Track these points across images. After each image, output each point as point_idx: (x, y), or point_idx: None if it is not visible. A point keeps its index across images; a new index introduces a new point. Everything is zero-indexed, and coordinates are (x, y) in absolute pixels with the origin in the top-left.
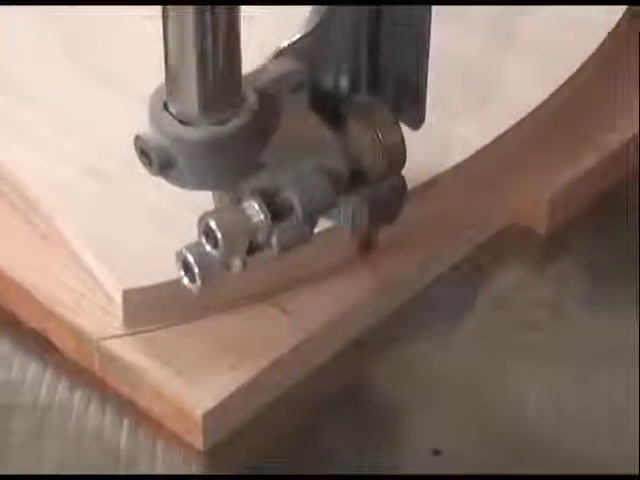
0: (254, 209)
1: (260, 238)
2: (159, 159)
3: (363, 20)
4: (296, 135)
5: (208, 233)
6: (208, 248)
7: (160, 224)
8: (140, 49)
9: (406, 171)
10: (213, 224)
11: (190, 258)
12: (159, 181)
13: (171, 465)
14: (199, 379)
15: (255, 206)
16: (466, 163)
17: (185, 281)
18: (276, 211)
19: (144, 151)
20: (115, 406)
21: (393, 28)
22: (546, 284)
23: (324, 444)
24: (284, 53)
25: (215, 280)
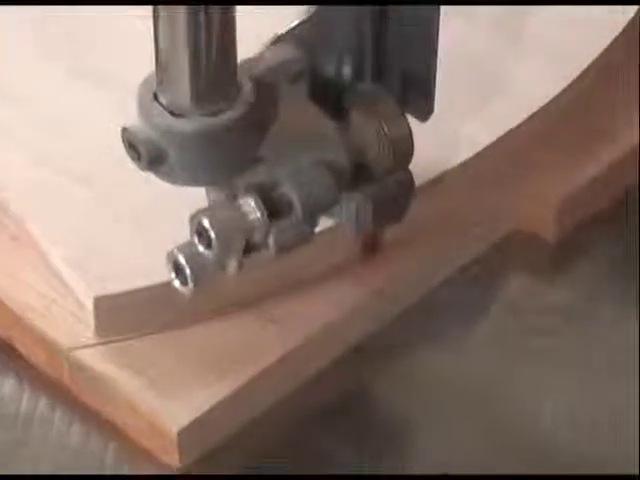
0: (250, 206)
1: (257, 237)
2: (148, 153)
3: (367, 4)
4: (295, 127)
5: (201, 232)
6: (201, 248)
7: (137, 226)
8: (126, 46)
9: (411, 167)
10: (206, 222)
11: (181, 259)
12: (136, 180)
13: None
14: (176, 392)
15: (251, 203)
16: (473, 161)
17: (176, 284)
18: (274, 208)
19: (132, 144)
20: (84, 420)
21: (400, 12)
22: (556, 289)
23: (313, 463)
24: (282, 40)
25: (208, 282)
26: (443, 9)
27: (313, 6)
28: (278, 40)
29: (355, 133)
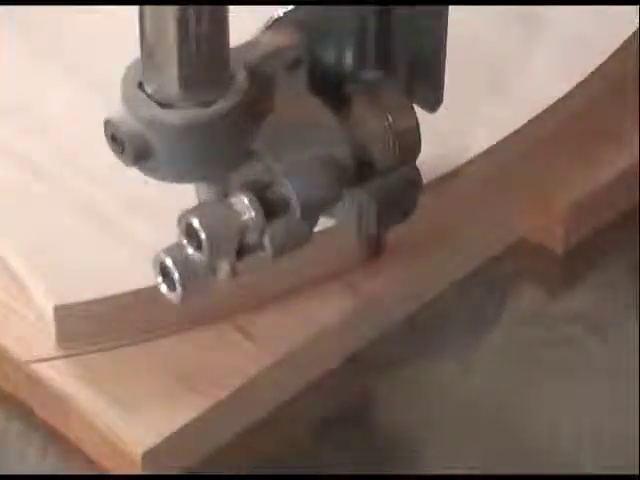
0: (243, 205)
1: (251, 239)
2: (133, 147)
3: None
4: (293, 119)
5: (190, 233)
6: (190, 250)
7: (103, 230)
8: (91, 36)
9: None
10: (196, 222)
11: (169, 262)
12: (105, 179)
13: None
14: (141, 412)
15: (245, 201)
16: (479, 158)
17: (163, 289)
18: (269, 207)
19: (115, 137)
20: (42, 439)
21: None
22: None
23: None
24: (279, 23)
25: (199, 288)
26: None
27: None
28: (275, 23)
29: (357, 125)
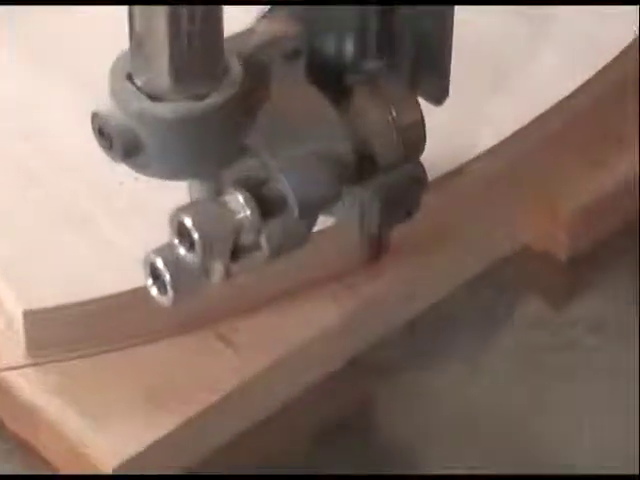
0: (238, 203)
1: (246, 239)
2: (122, 142)
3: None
4: (290, 112)
5: (182, 232)
6: (182, 251)
7: (76, 231)
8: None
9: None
10: (188, 222)
11: (160, 263)
12: (79, 178)
13: None
14: (113, 424)
15: (239, 199)
16: (484, 156)
17: (153, 292)
18: (265, 205)
19: (103, 132)
20: (8, 451)
21: None
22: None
23: None
24: (276, 11)
25: (191, 290)
26: None
27: None
28: (271, 12)
29: (359, 119)
